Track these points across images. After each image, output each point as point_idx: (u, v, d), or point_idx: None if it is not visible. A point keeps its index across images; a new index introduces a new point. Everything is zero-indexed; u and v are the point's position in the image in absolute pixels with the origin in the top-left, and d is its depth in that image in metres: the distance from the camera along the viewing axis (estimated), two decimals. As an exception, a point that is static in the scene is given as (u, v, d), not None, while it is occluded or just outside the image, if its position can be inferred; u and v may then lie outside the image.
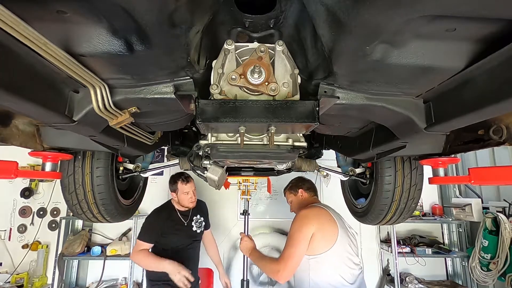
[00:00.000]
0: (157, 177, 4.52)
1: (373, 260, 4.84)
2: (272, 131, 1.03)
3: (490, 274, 3.98)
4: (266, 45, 1.00)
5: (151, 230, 2.58)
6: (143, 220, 2.64)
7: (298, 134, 1.23)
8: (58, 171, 1.66)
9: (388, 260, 4.79)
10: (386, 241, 4.82)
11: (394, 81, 1.03)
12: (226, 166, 1.89)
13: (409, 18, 0.67)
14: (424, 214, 4.90)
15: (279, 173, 2.44)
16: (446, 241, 4.97)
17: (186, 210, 2.73)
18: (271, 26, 1.04)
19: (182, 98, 1.06)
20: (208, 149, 1.24)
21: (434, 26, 0.72)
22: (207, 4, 0.80)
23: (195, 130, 2.51)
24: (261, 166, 2.21)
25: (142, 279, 4.00)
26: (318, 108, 1.01)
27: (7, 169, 1.25)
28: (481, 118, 1.02)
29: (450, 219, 4.80)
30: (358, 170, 2.58)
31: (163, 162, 2.75)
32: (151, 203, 3.90)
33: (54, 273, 4.21)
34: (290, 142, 1.22)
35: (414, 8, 0.63)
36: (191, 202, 2.70)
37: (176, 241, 2.62)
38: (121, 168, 2.26)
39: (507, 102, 0.80)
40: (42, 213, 4.67)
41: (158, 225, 2.59)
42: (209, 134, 1.21)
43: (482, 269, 4.09)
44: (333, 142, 2.42)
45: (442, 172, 1.68)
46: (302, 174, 2.79)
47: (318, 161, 2.59)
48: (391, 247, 4.37)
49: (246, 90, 1.02)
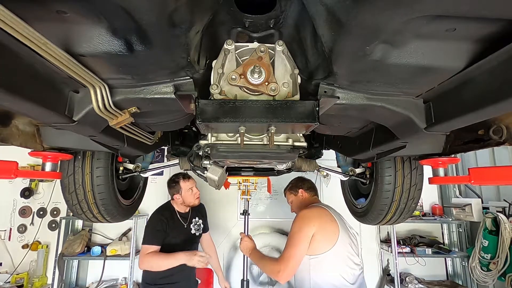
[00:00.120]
0: (157, 177, 4.52)
1: (373, 260, 4.84)
2: (272, 131, 1.03)
3: (490, 274, 3.98)
4: (266, 45, 1.00)
5: (158, 231, 2.50)
6: (143, 220, 2.63)
7: (298, 134, 1.23)
8: (58, 171, 1.66)
9: (388, 260, 4.80)
10: (386, 241, 4.83)
11: (394, 81, 1.03)
12: (226, 166, 1.89)
13: (409, 18, 0.67)
14: (424, 214, 4.90)
15: (279, 173, 2.44)
16: (446, 241, 4.98)
17: (186, 212, 2.70)
18: (271, 26, 1.04)
19: (182, 98, 1.06)
20: (208, 149, 1.24)
21: (434, 26, 0.72)
22: (207, 4, 0.80)
23: (195, 130, 2.51)
24: (261, 166, 2.21)
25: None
26: (318, 108, 1.01)
27: (7, 169, 1.25)
28: (481, 118, 1.02)
29: (450, 219, 4.81)
30: (358, 170, 2.58)
31: (163, 162, 2.75)
32: (151, 203, 3.91)
33: (54, 273, 4.21)
34: (290, 142, 1.21)
35: (414, 8, 0.63)
36: (197, 198, 2.69)
37: (174, 243, 2.56)
38: (121, 168, 2.26)
39: (507, 102, 0.80)
40: (42, 213, 4.67)
41: (163, 225, 2.52)
42: (209, 134, 1.20)
43: (482, 269, 4.09)
44: (333, 142, 2.42)
45: (442, 172, 1.68)
46: (302, 174, 2.79)
47: (318, 161, 2.59)
48: (391, 247, 4.37)
49: (246, 90, 1.01)
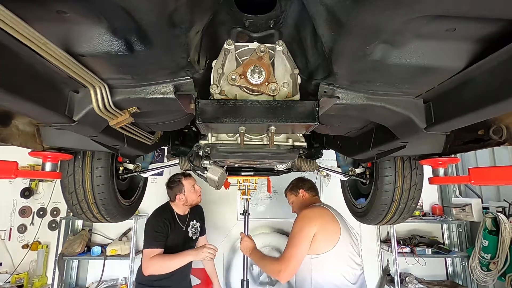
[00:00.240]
0: (157, 177, 4.52)
1: (373, 260, 4.84)
2: (272, 131, 1.03)
3: (490, 274, 3.98)
4: (266, 45, 1.00)
5: (160, 234, 2.42)
6: (143, 220, 2.59)
7: (298, 134, 1.23)
8: (58, 171, 1.66)
9: (388, 260, 4.79)
10: (386, 241, 4.83)
11: (394, 81, 1.03)
12: (226, 166, 1.89)
13: (409, 18, 0.67)
14: (424, 214, 4.90)
15: (279, 173, 2.44)
16: (446, 241, 4.97)
17: (184, 214, 2.65)
18: (271, 26, 1.04)
19: (182, 98, 1.06)
20: (208, 149, 1.24)
21: (434, 26, 0.72)
22: (207, 4, 0.80)
23: (195, 130, 2.51)
24: (261, 166, 2.21)
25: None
26: (318, 108, 1.01)
27: (7, 169, 1.25)
28: (481, 118, 1.02)
29: (450, 219, 4.80)
30: (358, 170, 2.58)
31: (163, 162, 2.75)
32: (151, 203, 3.91)
33: (54, 273, 4.21)
34: (290, 142, 1.21)
35: (414, 8, 0.63)
36: (199, 196, 2.67)
37: (171, 246, 2.49)
38: (121, 168, 2.26)
39: (507, 102, 0.80)
40: (42, 213, 4.67)
41: (165, 227, 2.45)
42: (209, 134, 1.20)
43: (482, 269, 4.09)
44: (333, 142, 2.42)
45: (442, 172, 1.68)
46: (302, 174, 2.79)
47: (318, 161, 2.59)
48: (391, 247, 4.37)
49: (246, 90, 1.01)
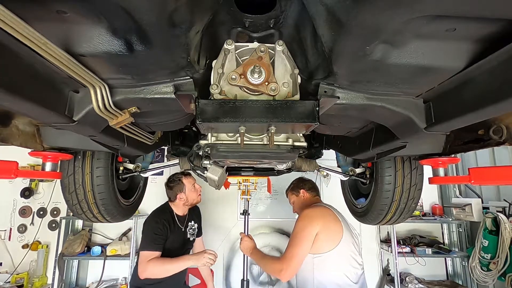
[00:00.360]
0: (157, 177, 4.52)
1: (373, 260, 4.84)
2: (272, 131, 1.03)
3: (490, 274, 3.98)
4: (266, 45, 1.00)
5: (159, 237, 2.34)
6: (143, 220, 2.55)
7: (298, 134, 1.23)
8: (58, 171, 1.66)
9: (388, 260, 4.80)
10: (386, 241, 4.82)
11: (394, 81, 1.03)
12: (226, 166, 1.89)
13: (409, 18, 0.67)
14: (424, 214, 4.90)
15: (279, 173, 2.44)
16: (446, 241, 4.97)
17: (183, 215, 2.62)
18: (271, 26, 1.04)
19: (182, 98, 1.06)
20: (208, 149, 1.24)
21: (434, 26, 0.72)
22: (207, 4, 0.80)
23: (195, 130, 2.51)
24: (261, 166, 2.21)
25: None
26: (318, 108, 1.01)
27: (7, 169, 1.25)
28: (481, 118, 1.02)
29: (450, 219, 4.80)
30: (358, 170, 2.58)
31: (163, 162, 2.75)
32: (151, 203, 3.91)
33: (54, 273, 4.21)
34: (290, 142, 1.21)
35: (414, 8, 0.63)
36: (199, 195, 2.64)
37: (172, 248, 2.44)
38: (121, 168, 2.26)
39: (507, 102, 0.80)
40: (42, 213, 4.67)
41: (164, 230, 2.37)
42: (209, 134, 1.20)
43: (482, 269, 4.09)
44: (333, 142, 2.42)
45: (442, 172, 1.68)
46: (302, 174, 2.79)
47: (318, 161, 2.59)
48: (391, 247, 4.37)
49: (246, 90, 1.02)
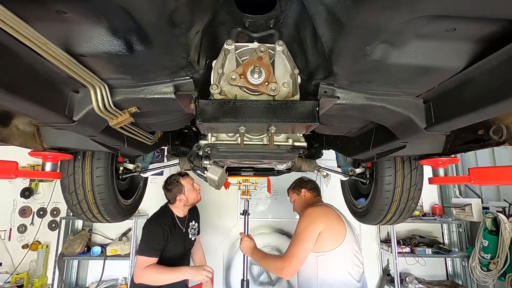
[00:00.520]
0: (157, 177, 4.52)
1: (373, 260, 4.84)
2: (272, 131, 1.03)
3: (490, 274, 3.98)
4: (266, 45, 1.00)
5: (158, 243, 2.29)
6: (143, 220, 2.53)
7: (298, 134, 1.23)
8: (58, 171, 1.66)
9: (388, 260, 4.79)
10: (386, 241, 4.82)
11: (394, 81, 1.03)
12: (226, 166, 1.89)
13: (409, 18, 0.67)
14: (424, 214, 4.90)
15: (279, 173, 2.44)
16: (446, 241, 4.98)
17: (184, 216, 2.59)
18: (271, 26, 1.04)
19: (182, 98, 1.06)
20: (208, 149, 1.24)
21: (434, 26, 0.72)
22: (207, 4, 0.80)
23: (195, 130, 2.51)
24: (261, 166, 2.21)
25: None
26: (318, 108, 1.01)
27: (7, 169, 1.25)
28: (481, 118, 1.02)
29: (450, 219, 4.81)
30: (358, 170, 2.58)
31: (163, 162, 2.75)
32: (151, 203, 3.91)
33: (54, 273, 4.21)
34: (290, 142, 1.21)
35: (414, 8, 0.63)
36: (199, 194, 2.62)
37: (175, 250, 2.42)
38: (121, 168, 2.26)
39: (507, 102, 0.80)
40: (42, 213, 4.67)
41: (164, 236, 2.32)
42: (209, 134, 1.20)
43: (482, 269, 4.09)
44: (333, 142, 2.42)
45: (442, 172, 1.68)
46: (302, 174, 2.79)
47: (318, 161, 2.59)
48: (391, 247, 4.37)
49: (246, 90, 1.02)
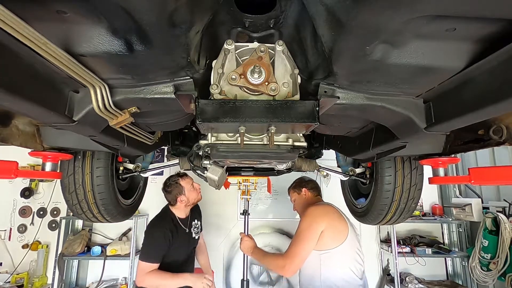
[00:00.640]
0: (157, 177, 4.52)
1: (373, 260, 4.84)
2: (272, 131, 1.03)
3: (490, 274, 3.98)
4: (266, 45, 1.00)
5: (160, 249, 2.27)
6: (143, 220, 2.50)
7: (298, 134, 1.23)
8: (58, 171, 1.66)
9: (388, 260, 4.79)
10: (386, 241, 4.82)
11: (394, 81, 1.03)
12: (226, 166, 1.89)
13: (409, 18, 0.67)
14: (424, 214, 4.90)
15: (279, 173, 2.44)
16: (446, 241, 4.97)
17: (186, 217, 2.58)
18: (271, 26, 1.04)
19: (182, 98, 1.06)
20: (208, 149, 1.24)
21: (434, 26, 0.72)
22: (207, 4, 0.80)
23: (195, 130, 2.51)
24: (261, 166, 2.21)
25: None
26: (318, 108, 1.01)
27: (7, 169, 1.25)
28: (481, 118, 1.02)
29: (450, 219, 4.81)
30: (358, 170, 2.58)
31: (163, 162, 2.75)
32: (151, 203, 3.91)
33: (54, 273, 4.21)
34: (290, 142, 1.21)
35: (414, 8, 0.63)
36: (199, 193, 2.60)
37: (180, 252, 2.41)
38: (121, 168, 2.26)
39: (507, 102, 0.80)
40: (42, 213, 4.67)
41: (166, 240, 2.30)
42: (209, 134, 1.21)
43: (482, 269, 4.09)
44: (333, 142, 2.42)
45: (442, 172, 1.68)
46: (302, 174, 2.79)
47: (318, 161, 2.59)
48: (391, 247, 4.37)
49: (246, 90, 1.02)
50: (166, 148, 2.80)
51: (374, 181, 2.25)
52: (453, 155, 1.58)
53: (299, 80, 1.05)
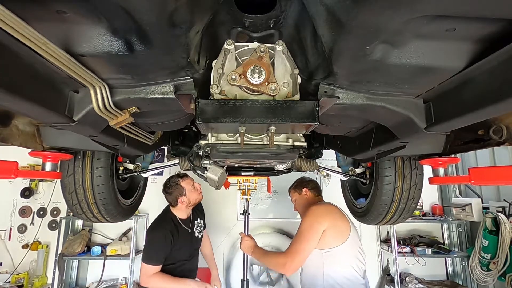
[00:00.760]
0: (157, 177, 4.52)
1: (373, 260, 4.84)
2: (272, 131, 1.03)
3: (490, 274, 3.98)
4: (266, 45, 1.00)
5: (162, 251, 2.29)
6: (143, 220, 2.52)
7: (298, 134, 1.23)
8: (58, 171, 1.66)
9: (388, 260, 4.79)
10: (386, 241, 4.82)
11: (394, 81, 1.03)
12: (226, 166, 1.89)
13: (409, 18, 0.67)
14: (424, 214, 4.90)
15: (279, 173, 2.44)
16: (446, 241, 4.98)
17: (188, 217, 2.57)
18: (271, 26, 1.04)
19: (182, 98, 1.06)
20: (208, 149, 1.24)
21: (434, 26, 0.72)
22: (207, 4, 0.80)
23: (195, 130, 2.51)
24: (261, 166, 2.21)
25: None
26: (318, 108, 1.01)
27: (7, 169, 1.25)
28: (481, 118, 1.02)
29: (450, 219, 4.81)
30: (358, 170, 2.58)
31: (163, 162, 2.75)
32: (151, 203, 3.91)
33: (54, 273, 4.21)
34: (290, 142, 1.21)
35: (414, 8, 0.63)
36: (200, 193, 2.60)
37: (182, 252, 2.43)
38: (121, 168, 2.26)
39: (507, 102, 0.80)
40: (42, 213, 4.67)
41: (167, 242, 2.31)
42: (209, 134, 1.21)
43: (482, 269, 4.09)
44: (333, 142, 2.42)
45: (442, 172, 1.68)
46: (302, 174, 2.79)
47: (318, 161, 2.59)
48: (391, 247, 4.37)
49: (246, 90, 1.02)
50: (166, 148, 2.80)
51: (374, 181, 2.25)
52: (453, 155, 1.58)
53: (299, 80, 1.05)
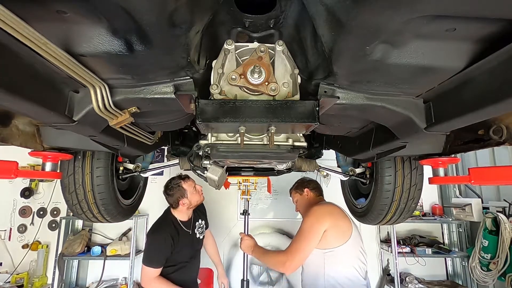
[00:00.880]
0: (157, 177, 4.52)
1: (373, 260, 4.83)
2: (272, 131, 1.03)
3: (490, 274, 3.98)
4: (266, 45, 1.00)
5: (163, 253, 2.30)
6: (143, 220, 2.53)
7: (298, 134, 1.23)
8: (58, 171, 1.66)
9: (388, 260, 4.80)
10: (386, 241, 4.83)
11: (394, 81, 1.03)
12: (226, 166, 1.89)
13: (409, 18, 0.67)
14: (424, 214, 4.91)
15: (279, 173, 2.44)
16: (446, 241, 4.98)
17: (189, 219, 2.57)
18: (271, 26, 1.04)
19: (182, 98, 1.06)
20: (208, 149, 1.24)
21: (434, 26, 0.72)
22: (207, 4, 0.80)
23: (195, 130, 2.51)
24: (261, 166, 2.21)
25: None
26: (318, 108, 1.01)
27: (7, 169, 1.25)
28: (481, 118, 1.02)
29: (450, 219, 4.81)
30: (358, 170, 2.58)
31: (163, 162, 2.75)
32: (151, 203, 3.91)
33: (54, 273, 4.22)
34: (290, 142, 1.22)
35: (414, 8, 0.63)
36: (202, 194, 2.60)
37: (183, 254, 2.44)
38: (121, 168, 2.26)
39: (507, 102, 0.80)
40: (42, 213, 4.67)
41: (167, 245, 2.32)
42: (209, 134, 1.21)
43: (482, 269, 4.10)
44: (333, 142, 2.42)
45: (442, 172, 1.68)
46: (302, 174, 2.79)
47: (318, 161, 2.59)
48: (391, 247, 4.38)
49: (246, 90, 1.02)
50: (166, 148, 2.80)
51: (374, 181, 2.25)
52: (453, 155, 1.58)
53: (299, 80, 1.05)
